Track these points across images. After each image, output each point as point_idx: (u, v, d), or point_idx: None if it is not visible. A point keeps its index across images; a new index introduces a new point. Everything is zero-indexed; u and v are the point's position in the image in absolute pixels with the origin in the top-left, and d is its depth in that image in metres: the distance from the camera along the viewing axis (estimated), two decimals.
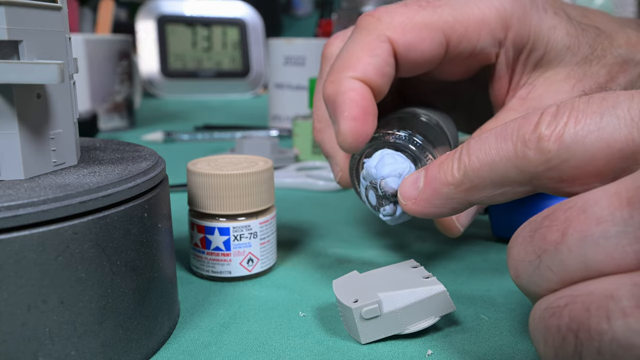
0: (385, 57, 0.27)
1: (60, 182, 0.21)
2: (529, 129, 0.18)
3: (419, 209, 0.22)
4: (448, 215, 0.22)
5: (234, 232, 0.30)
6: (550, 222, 0.17)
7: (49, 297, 0.19)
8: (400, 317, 0.24)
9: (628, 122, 0.17)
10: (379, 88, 0.27)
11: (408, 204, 0.23)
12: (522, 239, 0.17)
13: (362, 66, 0.26)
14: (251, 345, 0.24)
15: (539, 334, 0.16)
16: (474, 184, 0.20)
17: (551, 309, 0.16)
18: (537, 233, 0.17)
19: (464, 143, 0.21)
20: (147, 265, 0.22)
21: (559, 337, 0.16)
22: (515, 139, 0.19)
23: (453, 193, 0.21)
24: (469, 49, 0.28)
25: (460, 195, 0.21)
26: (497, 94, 0.31)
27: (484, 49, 0.29)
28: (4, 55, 0.21)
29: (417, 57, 0.28)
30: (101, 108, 0.79)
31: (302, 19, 1.94)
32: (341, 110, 0.26)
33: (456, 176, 0.21)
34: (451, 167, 0.21)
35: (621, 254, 0.15)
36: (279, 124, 0.82)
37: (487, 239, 0.37)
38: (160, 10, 1.27)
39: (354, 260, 0.34)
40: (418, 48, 0.27)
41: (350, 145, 0.26)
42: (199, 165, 0.30)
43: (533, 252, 0.17)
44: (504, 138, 0.19)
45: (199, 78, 1.28)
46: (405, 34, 0.27)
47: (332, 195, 0.50)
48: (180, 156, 0.63)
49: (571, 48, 0.29)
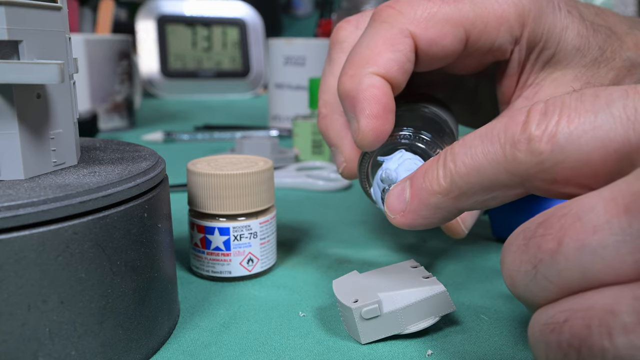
0: (407, 52, 0.26)
1: (60, 182, 0.21)
2: (517, 129, 0.17)
3: (408, 222, 0.21)
4: (439, 225, 0.22)
5: (234, 232, 0.30)
6: (545, 230, 0.16)
7: (49, 297, 0.19)
8: (400, 317, 0.24)
9: (624, 121, 0.16)
10: (398, 85, 0.26)
11: (396, 218, 0.22)
12: (515, 247, 0.17)
13: (383, 61, 0.25)
14: (251, 345, 0.24)
15: (540, 349, 0.16)
16: (462, 190, 0.19)
17: (551, 325, 0.16)
18: (531, 242, 0.16)
19: (448, 148, 0.20)
20: (147, 265, 0.22)
21: (560, 353, 0.15)
22: (503, 141, 0.18)
23: (441, 202, 0.20)
24: (487, 45, 0.28)
25: (449, 203, 0.20)
26: (505, 91, 0.31)
27: (502, 45, 0.28)
28: (4, 55, 0.21)
29: (437, 53, 0.27)
30: (101, 108, 0.79)
31: (302, 19, 1.94)
32: (362, 107, 0.25)
33: (442, 184, 0.20)
34: (436, 175, 0.20)
35: (620, 264, 0.14)
36: (279, 124, 0.82)
37: (487, 239, 0.37)
38: (160, 10, 1.27)
39: (354, 260, 0.34)
40: (440, 44, 0.27)
41: (371, 144, 0.25)
42: (199, 165, 0.30)
43: (528, 262, 0.16)
44: (490, 140, 0.18)
45: (199, 78, 1.28)
46: (428, 29, 0.26)
47: (332, 195, 0.50)
48: (180, 156, 0.63)
49: (581, 49, 0.29)
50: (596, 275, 0.15)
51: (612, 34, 0.30)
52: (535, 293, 0.16)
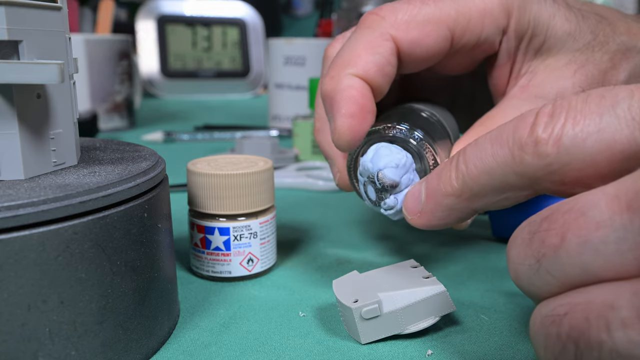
0: (387, 55, 0.27)
1: (60, 182, 0.21)
2: (524, 132, 0.18)
3: (424, 222, 0.22)
4: (455, 224, 0.22)
5: (234, 232, 0.30)
6: (549, 225, 0.16)
7: (49, 297, 0.19)
8: (400, 317, 0.24)
9: (629, 121, 0.16)
10: (379, 87, 0.27)
11: (413, 218, 0.23)
12: (520, 240, 0.17)
13: (363, 63, 0.26)
14: (251, 345, 0.24)
15: (540, 340, 0.16)
16: (474, 192, 0.20)
17: (551, 317, 0.16)
18: (535, 236, 0.16)
19: (460, 150, 0.20)
20: (147, 265, 0.22)
21: (559, 344, 0.16)
22: (511, 144, 0.18)
23: (455, 203, 0.21)
24: (473, 40, 0.28)
25: (463, 204, 0.21)
26: (498, 83, 0.31)
27: (488, 37, 0.29)
28: (4, 55, 0.21)
29: (422, 53, 0.28)
30: (101, 108, 0.79)
31: (302, 19, 1.94)
32: (338, 107, 0.25)
33: (455, 186, 0.20)
34: (449, 177, 0.20)
35: (621, 260, 0.15)
36: (279, 124, 0.82)
37: (487, 239, 0.37)
38: (160, 10, 1.27)
39: (354, 260, 0.34)
40: (423, 44, 0.27)
41: (346, 143, 0.25)
42: (199, 165, 0.30)
43: (532, 256, 0.17)
44: (499, 143, 0.19)
45: (199, 78, 1.28)
46: (409, 31, 0.27)
47: (332, 195, 0.50)
48: (180, 156, 0.63)
49: (572, 34, 0.29)
50: (597, 271, 0.15)
51: (602, 19, 0.30)
52: (538, 286, 0.17)
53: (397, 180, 0.25)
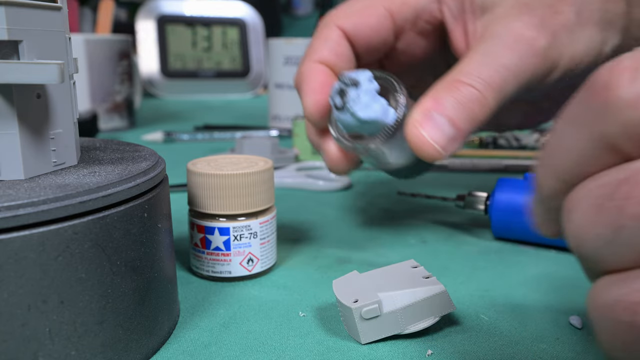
0: (336, 39, 0.32)
1: (60, 182, 0.21)
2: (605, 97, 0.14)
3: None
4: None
5: (234, 232, 0.30)
6: (631, 192, 0.14)
7: (49, 297, 0.19)
8: (400, 317, 0.24)
9: None
10: (336, 64, 0.31)
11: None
12: (587, 206, 0.15)
13: (317, 51, 0.31)
14: (251, 345, 0.24)
15: (606, 325, 0.15)
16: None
17: (624, 302, 0.14)
18: (611, 202, 0.14)
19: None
20: (147, 265, 0.22)
21: (632, 335, 0.14)
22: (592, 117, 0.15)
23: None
24: (412, 13, 0.32)
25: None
26: (458, 48, 0.32)
27: (425, 7, 0.32)
28: (4, 55, 0.21)
29: (370, 32, 0.32)
30: (101, 108, 0.79)
31: (302, 19, 1.94)
32: (303, 88, 0.30)
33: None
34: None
35: None
36: (279, 124, 0.82)
37: (487, 239, 0.37)
38: (160, 10, 1.27)
39: (354, 260, 0.34)
40: (366, 24, 0.32)
41: (316, 117, 0.29)
42: (199, 165, 0.30)
43: (607, 225, 0.14)
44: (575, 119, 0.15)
45: (199, 78, 1.28)
46: (349, 17, 0.32)
47: (332, 195, 0.50)
48: (180, 156, 0.63)
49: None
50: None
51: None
52: (606, 258, 0.15)
53: (357, 79, 0.28)
